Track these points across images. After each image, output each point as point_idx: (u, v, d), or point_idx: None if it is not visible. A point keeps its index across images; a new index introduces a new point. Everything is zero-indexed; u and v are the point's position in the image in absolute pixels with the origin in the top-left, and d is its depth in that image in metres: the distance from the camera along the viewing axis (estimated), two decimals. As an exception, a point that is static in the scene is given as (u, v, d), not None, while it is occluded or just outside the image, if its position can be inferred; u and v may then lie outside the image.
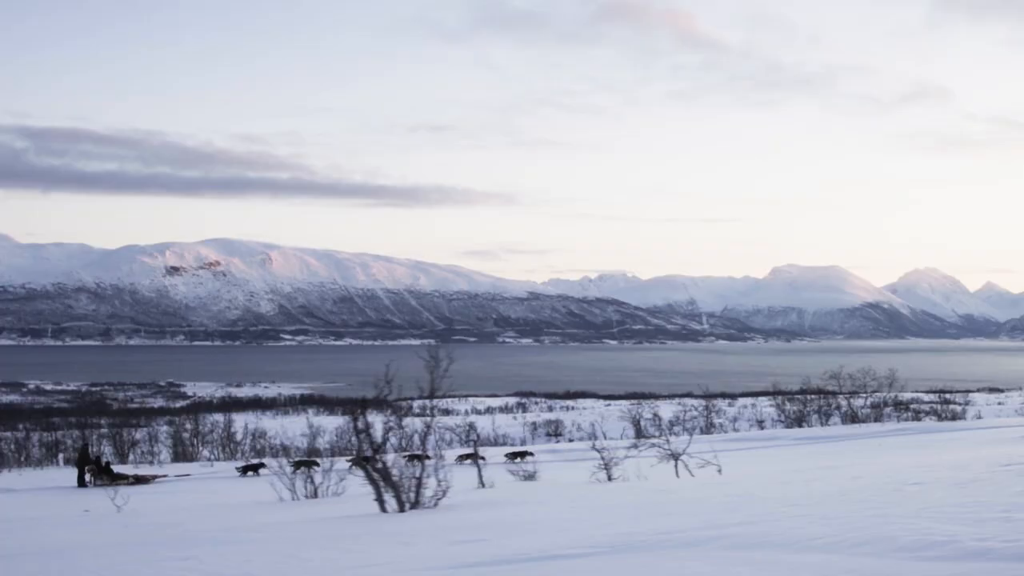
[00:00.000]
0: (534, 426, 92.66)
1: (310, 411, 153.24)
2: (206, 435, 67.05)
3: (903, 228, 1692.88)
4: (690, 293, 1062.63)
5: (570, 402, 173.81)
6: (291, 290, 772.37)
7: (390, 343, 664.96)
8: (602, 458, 27.86)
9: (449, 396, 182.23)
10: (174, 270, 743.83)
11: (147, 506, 29.28)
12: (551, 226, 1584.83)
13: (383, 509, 20.84)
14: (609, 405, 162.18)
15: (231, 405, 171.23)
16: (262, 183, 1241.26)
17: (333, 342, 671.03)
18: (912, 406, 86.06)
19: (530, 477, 31.43)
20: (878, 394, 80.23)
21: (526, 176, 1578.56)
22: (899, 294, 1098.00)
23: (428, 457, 45.83)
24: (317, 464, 38.43)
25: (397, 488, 21.17)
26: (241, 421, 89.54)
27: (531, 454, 46.23)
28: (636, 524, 13.85)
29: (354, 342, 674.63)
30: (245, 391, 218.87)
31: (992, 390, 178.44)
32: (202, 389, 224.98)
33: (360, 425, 22.97)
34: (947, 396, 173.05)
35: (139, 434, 77.18)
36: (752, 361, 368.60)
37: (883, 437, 48.66)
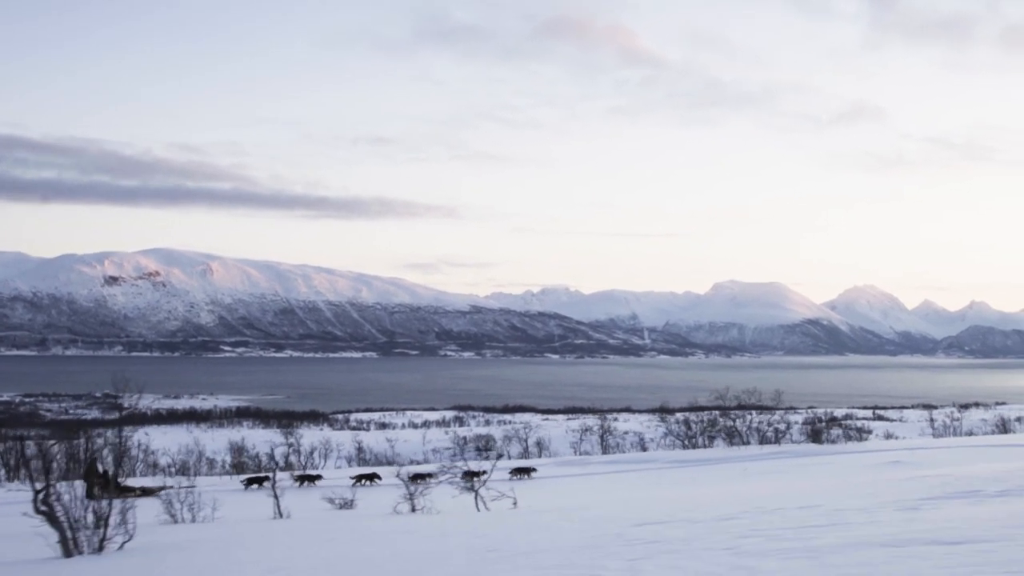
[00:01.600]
0: (464, 440, 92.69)
1: (246, 424, 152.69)
2: (95, 452, 64.14)
3: (842, 245, 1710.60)
4: (632, 308, 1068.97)
5: (508, 416, 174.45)
6: (231, 301, 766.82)
7: (331, 355, 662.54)
8: (407, 489, 28.05)
9: (387, 410, 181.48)
10: (112, 280, 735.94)
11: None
12: (493, 240, 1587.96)
13: (65, 553, 18.97)
14: (547, 419, 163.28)
15: (165, 418, 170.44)
16: (202, 193, 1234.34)
17: (273, 354, 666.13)
18: (806, 426, 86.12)
19: (346, 505, 30.69)
20: (769, 412, 80.00)
21: (468, 190, 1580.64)
22: (838, 311, 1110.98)
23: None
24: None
25: (61, 530, 19.05)
26: (141, 436, 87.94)
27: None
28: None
29: (295, 354, 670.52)
30: (182, 403, 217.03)
31: (926, 406, 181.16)
32: (139, 401, 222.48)
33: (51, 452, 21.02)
34: (880, 412, 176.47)
35: (30, 450, 73.17)
36: (690, 376, 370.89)
37: (752, 461, 49.84)
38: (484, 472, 41.29)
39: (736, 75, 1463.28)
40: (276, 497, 28.58)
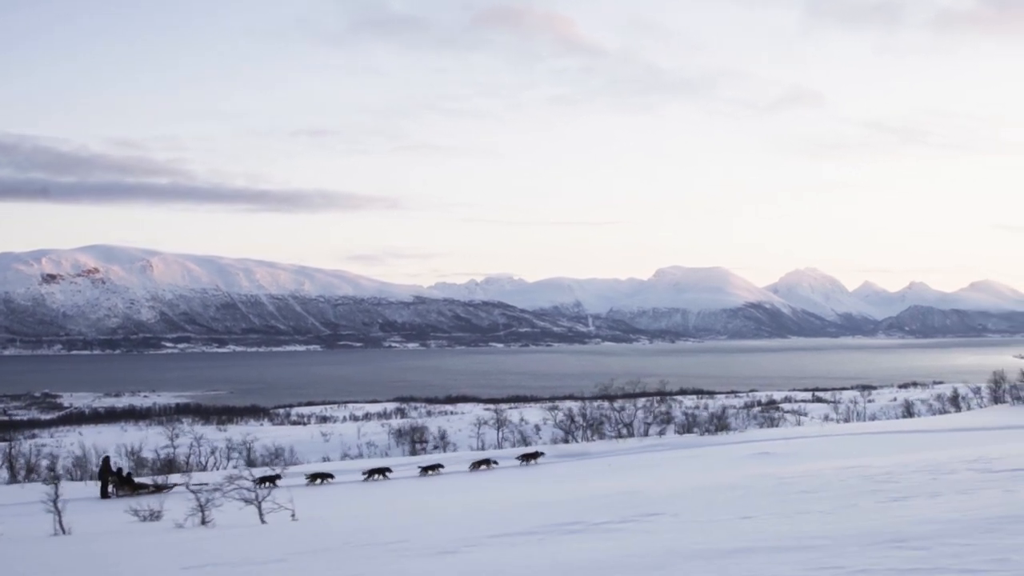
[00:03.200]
0: (399, 433, 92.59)
1: (185, 421, 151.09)
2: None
3: (783, 229, 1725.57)
4: (576, 295, 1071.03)
5: (450, 407, 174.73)
6: (173, 297, 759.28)
7: (275, 349, 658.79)
8: (197, 499, 26.43)
9: (329, 403, 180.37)
10: (50, 278, 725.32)
11: None
12: (436, 230, 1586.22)
13: None
14: (488, 409, 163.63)
15: (103, 417, 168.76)
16: (141, 188, 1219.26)
17: (216, 349, 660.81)
18: (743, 410, 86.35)
19: (154, 517, 28.44)
20: (709, 396, 79.88)
21: (410, 180, 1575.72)
22: (780, 294, 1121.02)
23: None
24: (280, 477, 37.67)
25: None
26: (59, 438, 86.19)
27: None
28: None
29: (238, 349, 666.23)
30: (122, 401, 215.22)
31: (864, 387, 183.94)
32: (79, 399, 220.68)
33: None
34: (819, 394, 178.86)
35: None
36: (633, 363, 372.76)
37: (628, 455, 50.14)
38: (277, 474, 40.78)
39: (674, 62, 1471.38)
40: (57, 512, 25.89)
